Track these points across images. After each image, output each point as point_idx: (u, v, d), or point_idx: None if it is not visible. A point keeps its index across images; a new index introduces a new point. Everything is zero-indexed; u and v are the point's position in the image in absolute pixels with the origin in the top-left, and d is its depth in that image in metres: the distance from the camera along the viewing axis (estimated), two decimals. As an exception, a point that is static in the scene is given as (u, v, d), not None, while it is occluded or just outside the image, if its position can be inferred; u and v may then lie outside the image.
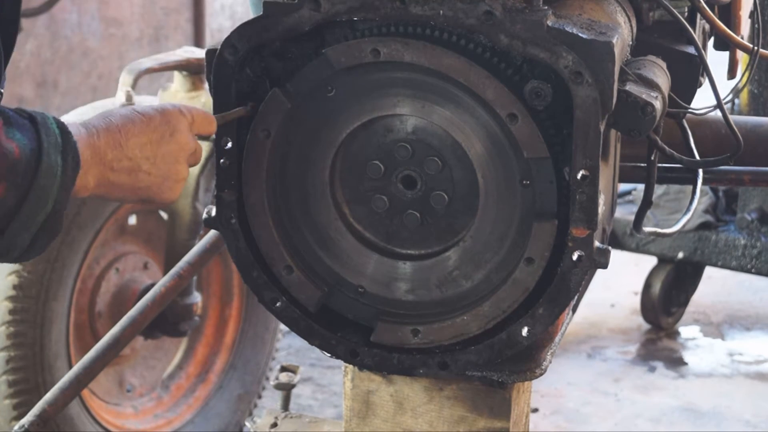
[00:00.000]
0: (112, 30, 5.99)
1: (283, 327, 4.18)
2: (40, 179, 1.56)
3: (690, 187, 2.41)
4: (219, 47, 1.88)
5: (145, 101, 3.57)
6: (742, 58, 2.69)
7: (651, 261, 5.43)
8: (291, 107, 1.89)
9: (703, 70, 2.33)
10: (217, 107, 1.91)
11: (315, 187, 1.95)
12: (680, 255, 5.17)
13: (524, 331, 1.86)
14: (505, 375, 1.95)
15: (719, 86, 2.19)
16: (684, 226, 2.32)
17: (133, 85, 3.49)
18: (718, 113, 2.23)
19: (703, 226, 5.11)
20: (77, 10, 5.78)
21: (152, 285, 3.32)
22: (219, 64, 1.89)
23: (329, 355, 1.99)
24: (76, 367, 2.86)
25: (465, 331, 1.90)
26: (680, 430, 4.51)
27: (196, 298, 3.78)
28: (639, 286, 5.47)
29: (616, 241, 5.19)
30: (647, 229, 2.29)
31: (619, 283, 5.82)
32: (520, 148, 1.80)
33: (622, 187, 5.01)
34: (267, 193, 1.94)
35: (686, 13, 2.30)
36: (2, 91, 1.81)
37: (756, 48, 2.35)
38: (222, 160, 1.93)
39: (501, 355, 1.90)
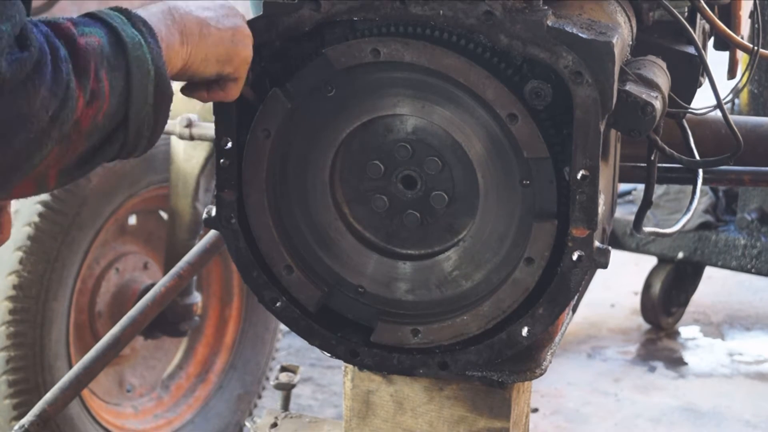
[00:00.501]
0: (112, 30, 5.98)
1: (283, 327, 4.18)
2: (131, 53, 1.59)
3: (690, 187, 2.41)
4: (219, 47, 1.88)
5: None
6: (742, 58, 2.69)
7: (651, 261, 5.44)
8: (291, 107, 1.89)
9: (703, 70, 2.33)
10: (218, 107, 1.91)
11: (315, 187, 1.95)
12: (680, 255, 5.17)
13: (524, 331, 1.86)
14: (505, 375, 1.94)
15: (719, 86, 2.19)
16: (684, 226, 2.32)
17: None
18: (718, 113, 2.23)
19: (703, 226, 5.11)
20: (77, 10, 5.78)
21: (152, 285, 3.31)
22: (219, 64, 1.88)
23: (329, 355, 1.99)
24: (76, 367, 2.86)
25: (465, 331, 1.90)
26: (680, 430, 4.51)
27: (196, 298, 3.78)
28: (639, 286, 5.47)
29: (616, 241, 5.19)
30: (647, 229, 2.29)
31: (619, 283, 5.82)
32: (520, 148, 1.80)
33: (622, 187, 5.02)
34: (267, 193, 1.94)
35: (686, 13, 2.30)
36: None
37: (756, 48, 2.35)
38: (222, 160, 1.93)
39: (501, 355, 1.90)
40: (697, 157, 2.29)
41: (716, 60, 2.56)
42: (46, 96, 1.47)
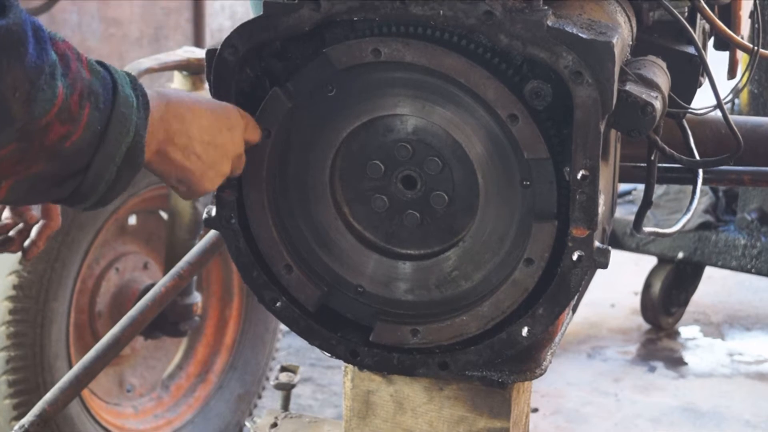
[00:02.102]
0: (112, 30, 5.99)
1: (283, 327, 4.19)
2: (120, 106, 1.56)
3: (690, 187, 2.41)
4: (219, 47, 1.88)
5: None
6: (742, 58, 2.69)
7: (651, 261, 5.44)
8: (291, 107, 1.89)
9: (703, 70, 2.33)
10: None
11: (315, 187, 1.95)
12: (680, 255, 5.17)
13: (524, 331, 1.86)
14: (505, 375, 1.94)
15: (719, 86, 2.19)
16: (684, 226, 2.32)
17: (133, 85, 3.48)
18: (718, 113, 2.23)
19: (703, 226, 5.11)
20: (77, 10, 5.78)
21: (152, 285, 3.32)
22: (219, 64, 1.88)
23: (329, 355, 1.99)
24: (76, 367, 2.86)
25: (464, 331, 1.90)
26: (680, 430, 4.51)
27: (196, 298, 3.78)
28: (639, 286, 5.47)
29: (616, 241, 5.19)
30: (647, 229, 2.29)
31: (619, 283, 5.82)
32: (521, 149, 1.80)
33: (622, 187, 5.02)
34: (267, 193, 1.94)
35: (686, 13, 2.30)
36: None
37: (756, 48, 2.34)
38: (222, 160, 1.93)
39: (501, 355, 1.90)
40: (697, 157, 2.29)
41: (716, 60, 2.56)
42: (19, 77, 1.40)
